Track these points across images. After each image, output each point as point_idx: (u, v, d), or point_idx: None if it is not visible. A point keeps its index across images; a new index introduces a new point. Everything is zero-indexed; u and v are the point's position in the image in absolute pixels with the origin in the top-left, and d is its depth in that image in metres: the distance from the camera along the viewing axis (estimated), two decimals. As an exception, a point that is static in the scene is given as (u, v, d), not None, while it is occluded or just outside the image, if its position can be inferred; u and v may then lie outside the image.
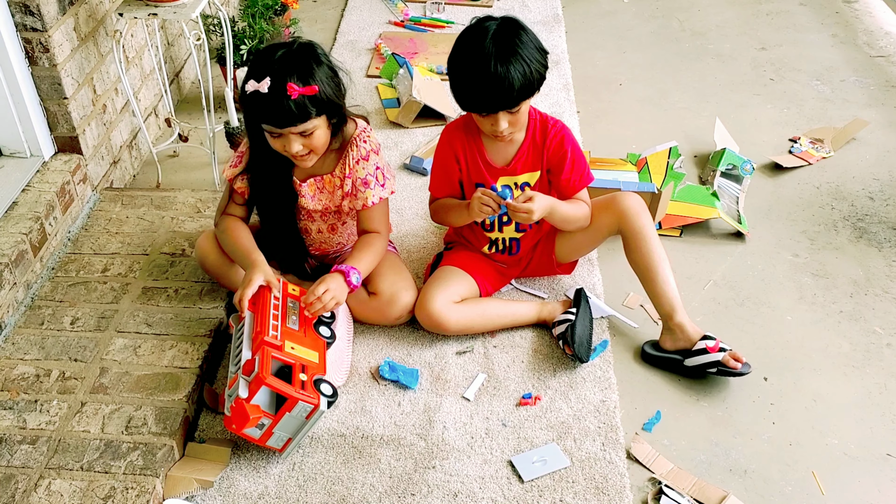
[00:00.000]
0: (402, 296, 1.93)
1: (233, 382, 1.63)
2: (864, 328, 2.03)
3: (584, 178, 1.94)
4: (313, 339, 1.73)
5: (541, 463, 1.68)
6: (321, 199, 1.90)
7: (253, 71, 1.66)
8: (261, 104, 1.65)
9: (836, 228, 2.35)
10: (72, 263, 2.10)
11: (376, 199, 1.85)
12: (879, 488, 1.66)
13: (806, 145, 2.68)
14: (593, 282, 2.13)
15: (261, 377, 1.56)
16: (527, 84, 1.71)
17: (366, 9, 3.58)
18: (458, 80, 1.76)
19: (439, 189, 1.99)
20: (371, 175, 1.84)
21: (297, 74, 1.64)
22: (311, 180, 1.87)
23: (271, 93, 1.63)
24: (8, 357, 1.84)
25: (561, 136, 1.89)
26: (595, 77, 3.13)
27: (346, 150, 1.84)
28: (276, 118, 1.66)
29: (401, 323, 1.98)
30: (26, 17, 2.02)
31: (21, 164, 2.19)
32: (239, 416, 1.57)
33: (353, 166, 1.84)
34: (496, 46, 1.68)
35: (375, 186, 1.85)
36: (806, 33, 3.43)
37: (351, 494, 1.63)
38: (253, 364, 1.60)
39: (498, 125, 1.77)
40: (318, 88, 1.65)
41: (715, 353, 1.82)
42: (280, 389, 1.57)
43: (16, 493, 1.56)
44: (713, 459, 1.71)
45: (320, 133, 1.73)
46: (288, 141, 1.70)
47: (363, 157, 1.84)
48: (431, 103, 2.74)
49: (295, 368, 1.62)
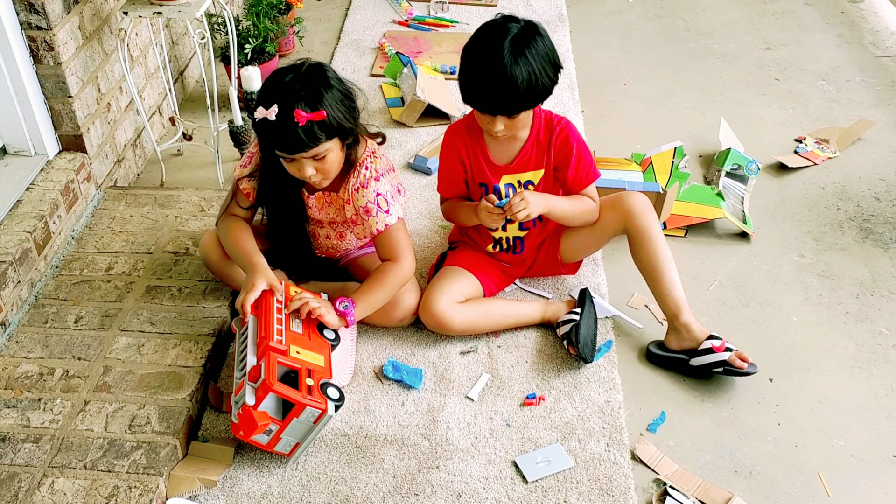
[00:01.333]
0: (405, 298, 1.92)
1: (239, 389, 1.62)
2: (871, 329, 2.02)
3: (591, 174, 1.93)
4: (318, 342, 1.72)
5: (545, 463, 1.68)
6: (328, 213, 1.91)
7: (262, 97, 1.66)
8: (270, 131, 1.65)
9: (842, 229, 2.34)
10: (76, 262, 2.10)
11: (381, 226, 1.81)
12: (886, 490, 1.65)
13: (811, 145, 2.67)
14: (598, 282, 2.13)
15: (268, 384, 1.55)
16: (529, 93, 1.71)
17: (370, 8, 3.57)
18: (465, 73, 1.76)
19: (447, 189, 1.99)
20: (372, 203, 1.80)
21: (305, 100, 1.63)
22: (318, 193, 1.88)
23: (279, 120, 1.62)
24: (12, 355, 1.84)
25: (566, 134, 1.89)
26: (599, 77, 3.12)
27: (350, 174, 1.82)
28: (286, 145, 1.66)
29: (404, 325, 1.98)
30: (31, 15, 2.02)
31: (25, 162, 2.19)
32: (247, 423, 1.56)
33: (352, 194, 1.82)
34: (510, 51, 1.68)
35: (378, 213, 1.81)
36: (811, 33, 3.41)
37: (354, 494, 1.63)
38: (259, 370, 1.59)
39: (494, 126, 1.77)
40: (325, 114, 1.64)
41: (721, 353, 1.81)
42: (287, 396, 1.56)
43: (19, 491, 1.55)
44: (718, 461, 1.71)
45: (333, 156, 1.72)
46: (301, 165, 1.70)
47: (362, 184, 1.80)
48: (435, 102, 2.73)
49: (301, 373, 1.61)
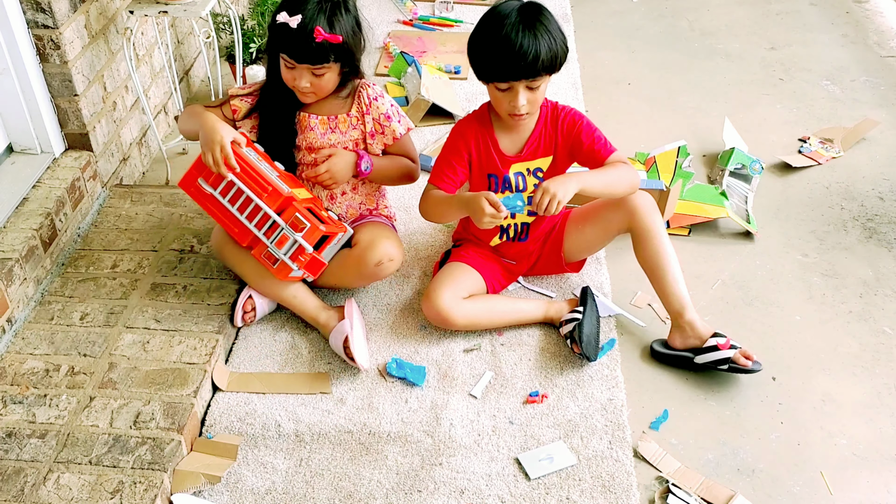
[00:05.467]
0: (381, 242, 1.91)
1: (283, 241, 1.80)
2: (874, 328, 2.02)
3: (609, 145, 1.90)
4: (287, 176, 1.89)
5: (548, 461, 1.68)
6: (331, 138, 1.94)
7: (288, 4, 1.77)
8: (286, 36, 1.77)
9: (846, 228, 2.34)
10: (81, 259, 2.11)
11: (403, 129, 1.98)
12: (888, 489, 1.65)
13: (815, 145, 2.67)
14: (601, 281, 2.13)
15: (318, 229, 1.79)
16: (551, 56, 1.74)
17: (374, 7, 3.58)
18: (481, 48, 1.78)
19: (441, 177, 1.90)
20: (390, 109, 1.96)
21: (327, 19, 1.76)
22: (322, 117, 1.93)
23: (298, 30, 1.75)
24: (18, 352, 1.85)
25: (572, 116, 1.91)
26: (604, 76, 3.12)
27: (358, 92, 1.94)
28: (296, 53, 1.78)
29: (383, 274, 1.93)
30: (38, 14, 2.03)
31: (32, 160, 2.20)
32: (314, 265, 1.84)
33: (369, 104, 1.94)
34: (522, 19, 1.73)
35: (400, 119, 1.97)
36: (816, 33, 3.41)
37: (358, 490, 1.63)
38: (299, 221, 1.78)
39: (517, 100, 1.77)
40: (342, 39, 1.78)
41: (726, 350, 1.82)
42: (332, 233, 1.83)
43: (25, 486, 1.56)
44: (721, 459, 1.71)
45: (329, 77, 1.84)
46: (299, 74, 1.81)
47: (379, 94, 1.96)
48: (440, 102, 2.74)
49: (313, 209, 1.83)
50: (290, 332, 1.99)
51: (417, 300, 2.06)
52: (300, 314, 1.97)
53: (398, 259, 1.95)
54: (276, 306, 2.03)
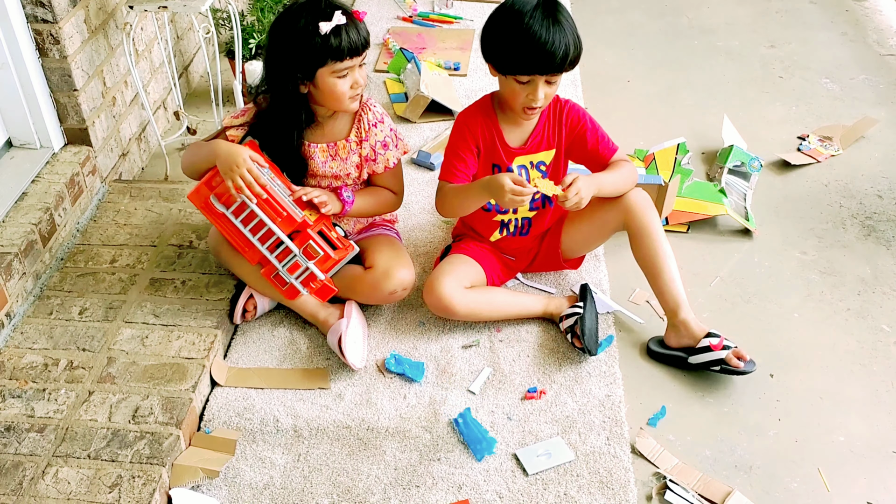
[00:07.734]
0: (397, 270, 1.91)
1: (295, 268, 1.81)
2: (872, 326, 2.02)
3: (612, 143, 1.93)
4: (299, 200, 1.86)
5: (545, 456, 1.68)
6: (332, 167, 1.92)
7: (316, 15, 1.71)
8: (341, 37, 1.73)
9: (845, 226, 2.35)
10: (80, 254, 2.11)
11: (395, 160, 1.94)
12: (886, 486, 1.66)
13: (815, 143, 2.67)
14: (599, 277, 2.13)
15: (332, 258, 1.81)
16: (576, 52, 1.76)
17: (374, 4, 3.58)
18: (504, 41, 1.76)
19: (454, 174, 1.89)
20: (388, 137, 1.93)
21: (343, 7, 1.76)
22: (322, 145, 1.90)
23: (348, 23, 1.73)
24: (17, 346, 1.85)
25: (577, 111, 1.91)
26: (603, 74, 3.12)
27: (360, 115, 1.91)
28: (357, 45, 1.75)
29: (395, 300, 1.96)
30: (37, 8, 2.03)
31: (31, 155, 2.20)
32: (324, 291, 1.86)
33: (368, 129, 1.91)
34: (547, 13, 1.73)
35: (397, 147, 1.94)
36: (815, 31, 3.42)
37: (356, 486, 1.64)
38: (312, 249, 1.80)
39: (536, 93, 1.77)
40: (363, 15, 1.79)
41: (718, 352, 1.82)
42: (341, 259, 1.84)
43: (23, 480, 1.57)
44: (718, 455, 1.71)
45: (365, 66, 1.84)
46: (352, 72, 1.78)
47: (379, 120, 1.92)
48: (439, 98, 2.74)
49: (324, 230, 1.84)
50: (289, 327, 1.99)
51: (416, 296, 2.06)
52: (300, 312, 1.97)
53: (411, 286, 1.96)
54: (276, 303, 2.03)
